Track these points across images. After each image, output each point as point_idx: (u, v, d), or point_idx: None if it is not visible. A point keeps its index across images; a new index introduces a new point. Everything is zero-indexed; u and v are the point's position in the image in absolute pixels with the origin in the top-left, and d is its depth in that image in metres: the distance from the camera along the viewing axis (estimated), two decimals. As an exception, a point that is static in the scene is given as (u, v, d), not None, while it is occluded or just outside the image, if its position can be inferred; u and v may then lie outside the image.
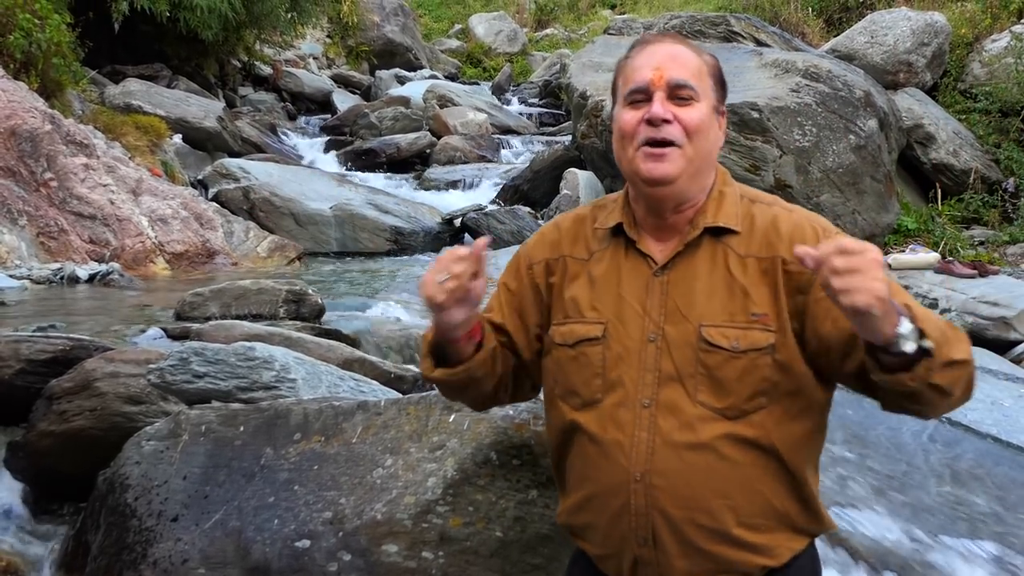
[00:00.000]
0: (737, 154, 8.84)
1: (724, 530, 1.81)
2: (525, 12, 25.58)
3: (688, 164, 1.84)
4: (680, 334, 1.83)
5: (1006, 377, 5.12)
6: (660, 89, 1.84)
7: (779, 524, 1.85)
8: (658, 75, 1.84)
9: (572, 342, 1.91)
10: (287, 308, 5.04)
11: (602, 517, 1.88)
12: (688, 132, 1.84)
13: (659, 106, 1.83)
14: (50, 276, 6.66)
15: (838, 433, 3.93)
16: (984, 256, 9.04)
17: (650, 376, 1.83)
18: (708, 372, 1.81)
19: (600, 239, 1.97)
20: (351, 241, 10.04)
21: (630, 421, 1.83)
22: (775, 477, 1.83)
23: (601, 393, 1.87)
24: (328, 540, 2.43)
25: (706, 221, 1.88)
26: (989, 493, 3.67)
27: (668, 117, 1.83)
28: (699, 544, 1.81)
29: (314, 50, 18.87)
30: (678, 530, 1.81)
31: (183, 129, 11.33)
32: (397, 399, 2.82)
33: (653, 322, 1.85)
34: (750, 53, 10.27)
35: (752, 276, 1.84)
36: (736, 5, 16.09)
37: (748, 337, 1.80)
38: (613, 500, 1.85)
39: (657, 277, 1.88)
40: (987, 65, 11.45)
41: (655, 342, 1.84)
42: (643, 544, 1.84)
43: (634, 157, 1.86)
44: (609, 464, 1.85)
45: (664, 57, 1.87)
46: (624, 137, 1.88)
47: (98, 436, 3.17)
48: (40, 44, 8.76)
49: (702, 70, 1.89)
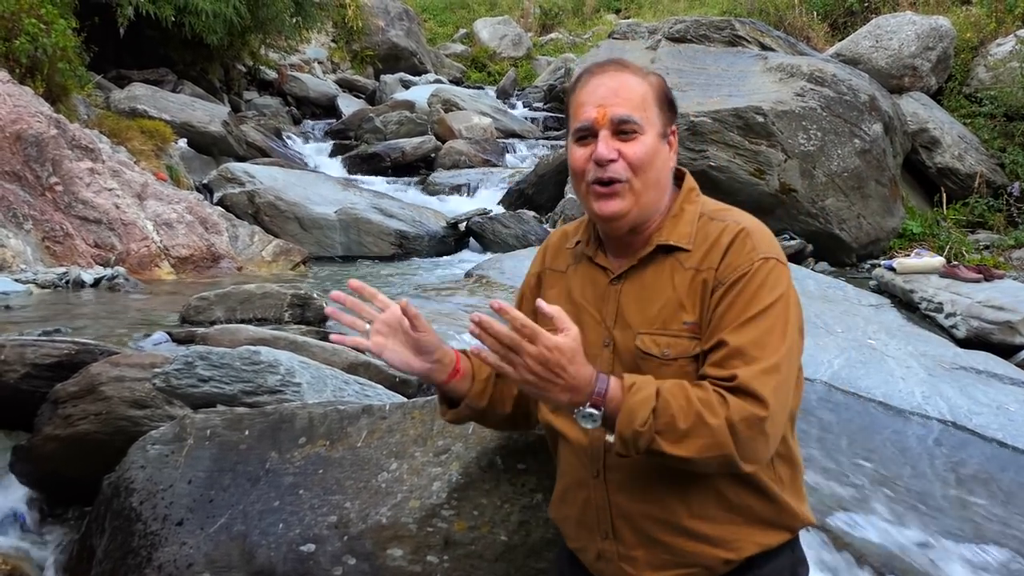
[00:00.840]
0: (742, 158, 8.84)
1: (676, 521, 1.88)
2: (530, 16, 25.61)
3: (637, 197, 1.92)
4: (624, 340, 1.93)
5: (1011, 381, 5.11)
6: (604, 127, 1.91)
7: (737, 516, 1.89)
8: (601, 113, 1.91)
9: None
10: (292, 312, 5.04)
11: (574, 509, 2.01)
12: (633, 168, 1.91)
13: (603, 146, 1.90)
14: (55, 280, 6.67)
15: (843, 438, 3.93)
16: (989, 260, 9.04)
17: None
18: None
19: (573, 254, 2.10)
20: (356, 245, 10.04)
21: None
22: (724, 472, 1.86)
23: None
24: (333, 544, 2.43)
25: (660, 239, 1.95)
26: (994, 497, 3.66)
27: (613, 156, 1.90)
28: (655, 536, 1.89)
29: (319, 55, 18.91)
30: (633, 522, 1.91)
31: (188, 133, 11.36)
32: (402, 403, 2.82)
33: (607, 328, 1.96)
34: (755, 57, 10.28)
35: (689, 287, 1.90)
36: (741, 9, 16.10)
37: (678, 345, 1.87)
38: (580, 493, 1.98)
39: (612, 286, 1.98)
40: (992, 69, 11.44)
41: (608, 347, 1.95)
42: (605, 537, 1.95)
43: (586, 194, 1.96)
44: (575, 461, 1.99)
45: (607, 92, 1.92)
46: (575, 175, 1.97)
47: (103, 440, 3.18)
48: (46, 49, 8.79)
49: (646, 99, 1.94)
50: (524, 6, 25.92)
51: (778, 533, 1.93)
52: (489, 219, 10.36)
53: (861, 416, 4.18)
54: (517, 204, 11.14)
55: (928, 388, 4.67)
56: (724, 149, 8.77)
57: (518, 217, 10.30)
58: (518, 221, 10.18)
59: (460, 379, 2.09)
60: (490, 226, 10.20)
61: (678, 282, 1.90)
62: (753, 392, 1.74)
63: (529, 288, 2.19)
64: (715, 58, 10.28)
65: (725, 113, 8.86)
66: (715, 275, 1.86)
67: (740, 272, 1.84)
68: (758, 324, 1.80)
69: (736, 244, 1.87)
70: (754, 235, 1.89)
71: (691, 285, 1.89)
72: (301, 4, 14.49)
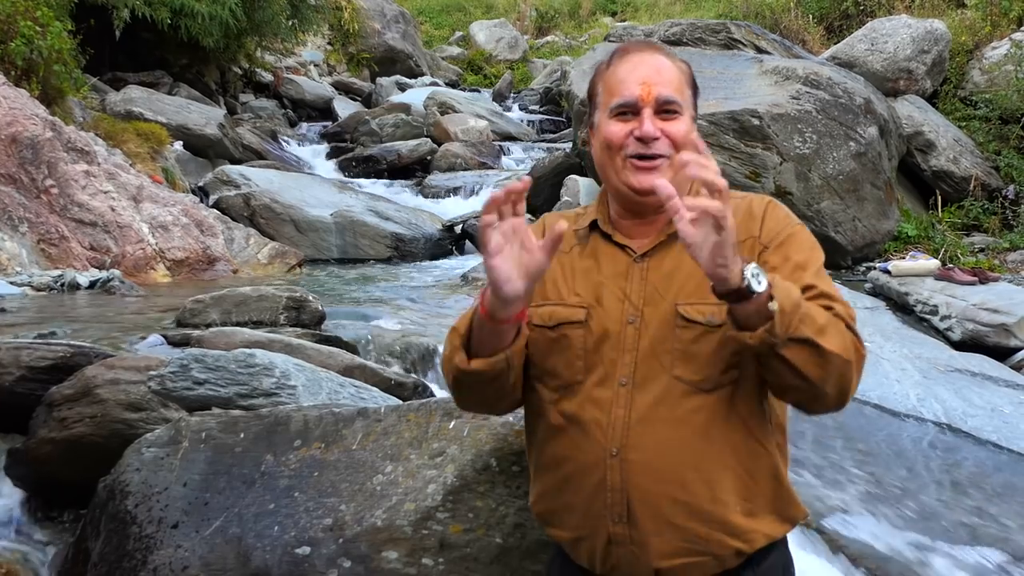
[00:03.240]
0: (738, 161, 8.85)
1: (698, 504, 1.85)
2: (526, 19, 25.63)
3: (675, 174, 1.89)
4: (657, 314, 1.90)
5: (1006, 384, 5.12)
6: (648, 105, 1.91)
7: (753, 503, 1.88)
8: (646, 91, 1.91)
9: (553, 324, 1.96)
10: (287, 315, 5.04)
11: (579, 496, 1.92)
12: (675, 145, 1.91)
13: (650, 125, 1.90)
14: (51, 283, 6.67)
15: (837, 440, 3.94)
16: (984, 263, 9.05)
17: (628, 356, 1.89)
18: (684, 347, 1.87)
19: (579, 237, 2.06)
20: (352, 248, 10.04)
21: (608, 399, 1.89)
22: (747, 451, 1.88)
23: (582, 375, 1.92)
24: (328, 547, 2.43)
25: None
26: (989, 499, 3.67)
27: (658, 135, 1.90)
28: (673, 520, 1.85)
29: (315, 57, 18.91)
30: (653, 505, 1.85)
31: (184, 136, 11.35)
32: (397, 406, 2.82)
33: (633, 305, 1.92)
34: (751, 60, 10.29)
35: None
36: (736, 12, 16.11)
37: (723, 311, 1.82)
38: (590, 477, 1.90)
39: (637, 263, 1.95)
40: (987, 72, 11.47)
41: (634, 323, 1.91)
42: (618, 521, 1.87)
43: (622, 168, 1.94)
44: (587, 442, 1.89)
45: (650, 71, 1.93)
46: (611, 148, 1.95)
47: (98, 443, 3.18)
48: (41, 51, 8.79)
49: (682, 81, 1.97)
50: (520, 9, 25.93)
51: (782, 525, 1.93)
52: (485, 222, 10.35)
53: (856, 418, 4.19)
54: (513, 207, 11.12)
55: (923, 390, 4.68)
56: (720, 152, 8.77)
57: (514, 220, 10.29)
58: (514, 223, 10.17)
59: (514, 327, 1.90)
60: (486, 229, 10.19)
61: None
62: (855, 329, 1.79)
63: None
64: (711, 61, 10.29)
65: (721, 116, 8.87)
66: (759, 241, 1.90)
67: (787, 232, 1.91)
68: (826, 278, 1.87)
69: (770, 211, 1.95)
70: (781, 205, 1.98)
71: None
72: (297, 7, 14.49)
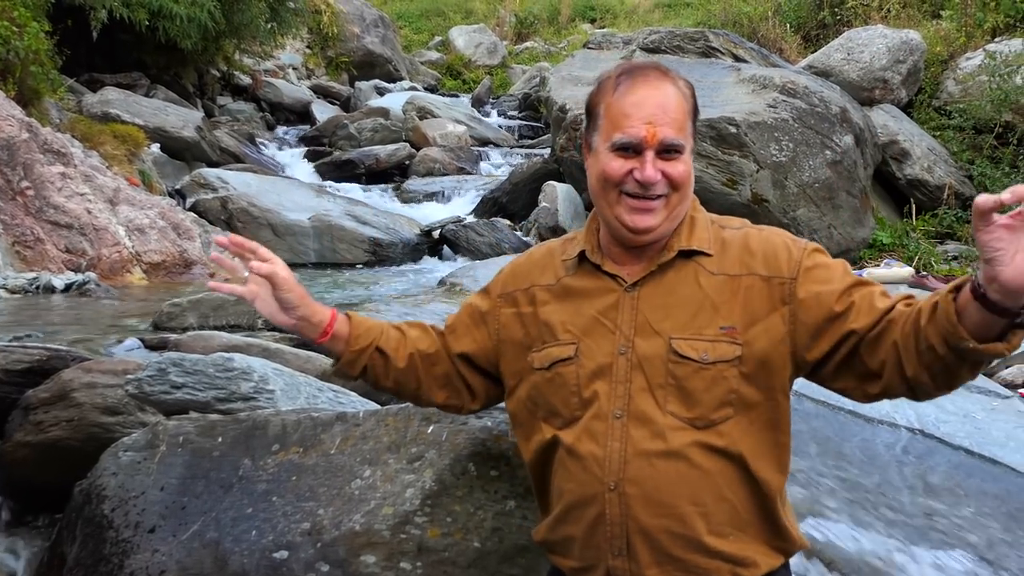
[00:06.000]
0: (715, 168, 8.90)
1: (696, 537, 1.85)
2: (505, 25, 25.65)
3: (669, 211, 1.92)
4: (650, 347, 1.89)
5: (978, 390, 5.17)
6: (652, 148, 1.88)
7: (747, 535, 1.89)
8: (651, 133, 1.88)
9: (547, 364, 1.98)
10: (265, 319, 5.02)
11: (579, 528, 1.93)
12: (674, 185, 1.91)
13: (651, 170, 1.87)
14: (25, 285, 6.62)
15: (812, 446, 3.96)
16: (957, 271, 9.15)
17: (621, 388, 1.89)
18: (677, 383, 1.87)
19: (568, 267, 2.04)
20: (329, 252, 10.02)
21: (604, 432, 1.89)
22: (742, 486, 1.88)
23: (580, 410, 1.93)
24: (306, 551, 2.43)
25: (680, 244, 1.95)
26: (962, 505, 3.70)
27: (659, 179, 1.88)
28: (672, 552, 1.85)
29: (294, 60, 18.85)
30: (651, 538, 1.86)
31: (161, 138, 11.30)
32: (376, 410, 2.82)
33: (624, 336, 1.91)
34: (728, 69, 10.36)
35: (722, 292, 1.91)
36: (715, 21, 16.21)
37: (716, 349, 1.86)
38: (589, 510, 1.90)
39: (628, 293, 1.94)
40: (961, 83, 11.59)
41: (625, 355, 1.90)
42: (618, 554, 1.88)
43: (617, 203, 1.92)
44: (585, 475, 1.90)
45: (655, 109, 1.89)
46: (606, 181, 1.92)
47: (75, 447, 3.16)
48: (18, 52, 8.73)
49: (686, 113, 1.94)
50: (499, 15, 25.94)
51: (777, 556, 1.94)
52: (463, 227, 10.38)
53: (831, 424, 4.22)
54: (491, 212, 11.16)
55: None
56: (697, 159, 8.75)
57: (492, 225, 10.33)
58: (492, 229, 10.20)
59: (331, 340, 2.13)
60: (464, 234, 10.21)
61: (707, 286, 1.91)
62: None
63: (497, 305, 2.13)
64: (689, 69, 10.33)
65: (699, 123, 8.90)
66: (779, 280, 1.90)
67: (811, 262, 1.91)
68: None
69: (779, 246, 1.94)
70: (778, 231, 1.99)
71: (724, 290, 1.90)
72: (276, 10, 14.45)
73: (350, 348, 2.13)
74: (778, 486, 1.94)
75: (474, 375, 2.18)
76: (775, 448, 1.93)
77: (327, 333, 2.11)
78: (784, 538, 1.95)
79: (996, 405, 4.96)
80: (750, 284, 1.90)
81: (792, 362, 1.90)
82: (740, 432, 1.87)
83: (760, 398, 1.89)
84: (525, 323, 2.05)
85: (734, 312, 1.88)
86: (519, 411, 2.08)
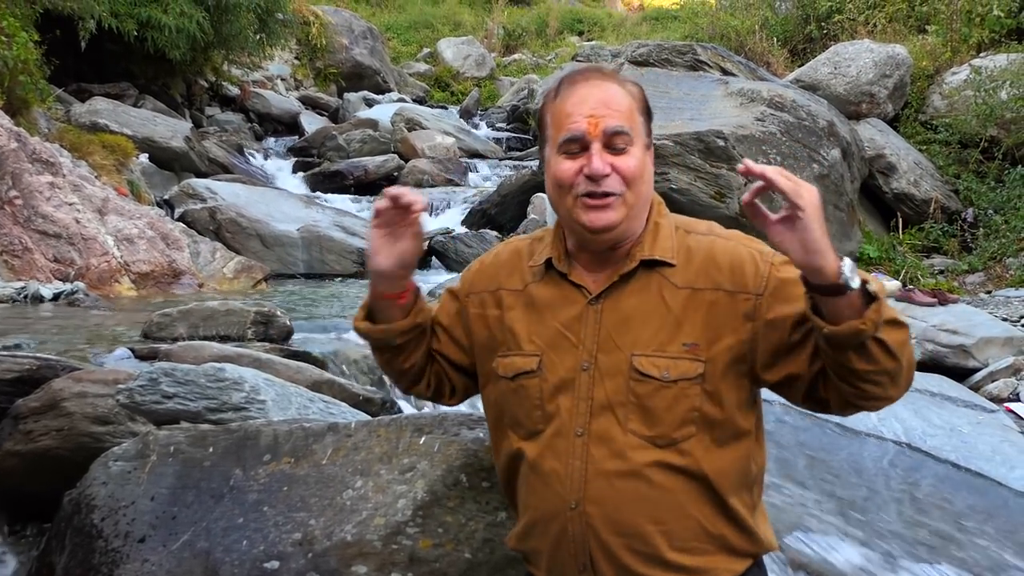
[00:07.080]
0: (703, 181, 8.93)
1: (658, 554, 1.84)
2: (493, 37, 25.70)
3: (628, 210, 1.88)
4: (612, 363, 1.87)
5: (965, 404, 5.21)
6: (596, 139, 1.84)
7: (714, 546, 1.88)
8: (593, 124, 1.84)
9: (511, 375, 1.96)
10: (255, 329, 5.03)
11: (544, 543, 1.93)
12: (627, 181, 1.86)
13: (598, 161, 1.83)
14: (13, 295, 6.60)
15: (800, 459, 3.98)
16: (944, 284, 9.19)
17: (583, 405, 1.87)
18: (639, 401, 1.85)
19: (535, 273, 2.01)
20: (318, 263, 10.01)
21: (565, 450, 1.88)
22: (706, 502, 1.87)
23: (542, 424, 1.92)
24: (297, 561, 2.43)
25: (643, 254, 1.91)
26: (948, 518, 3.73)
27: (608, 171, 1.84)
28: (635, 569, 1.85)
29: (282, 71, 18.84)
30: (613, 556, 1.85)
31: (150, 149, 11.28)
32: (368, 421, 2.83)
33: (587, 351, 1.89)
34: (716, 82, 10.41)
35: (686, 307, 1.87)
36: (703, 34, 16.27)
37: (678, 367, 1.84)
38: (552, 527, 1.90)
39: (591, 306, 1.91)
40: (947, 97, 11.66)
41: (588, 371, 1.88)
42: (582, 570, 1.88)
43: (573, 207, 1.88)
44: (548, 492, 1.89)
45: (596, 103, 1.86)
46: (560, 187, 1.89)
47: (65, 456, 3.15)
48: (6, 61, 8.70)
49: (632, 108, 1.91)
50: (488, 27, 26.01)
51: (744, 559, 1.92)
52: (452, 238, 10.38)
53: (818, 438, 4.24)
54: (480, 224, 11.17)
55: (883, 410, 4.74)
56: (685, 172, 8.85)
57: (480, 237, 10.34)
58: (480, 241, 10.21)
59: (398, 307, 2.05)
60: (452, 245, 10.22)
61: (671, 300, 1.87)
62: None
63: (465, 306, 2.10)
64: (677, 82, 10.38)
65: (687, 136, 8.95)
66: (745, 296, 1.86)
67: (778, 277, 1.86)
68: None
69: (746, 260, 1.89)
70: (747, 240, 1.95)
71: (689, 305, 1.86)
72: (265, 21, 14.43)
73: (411, 320, 2.07)
74: (746, 500, 1.93)
75: (455, 373, 2.17)
76: (741, 461, 1.91)
77: (402, 297, 2.04)
78: (753, 542, 1.93)
79: (982, 419, 5.00)
80: (715, 299, 1.86)
81: (751, 378, 1.89)
82: (703, 449, 1.85)
83: (723, 416, 1.87)
84: (491, 326, 2.03)
85: (697, 328, 1.85)
86: (489, 413, 2.09)
